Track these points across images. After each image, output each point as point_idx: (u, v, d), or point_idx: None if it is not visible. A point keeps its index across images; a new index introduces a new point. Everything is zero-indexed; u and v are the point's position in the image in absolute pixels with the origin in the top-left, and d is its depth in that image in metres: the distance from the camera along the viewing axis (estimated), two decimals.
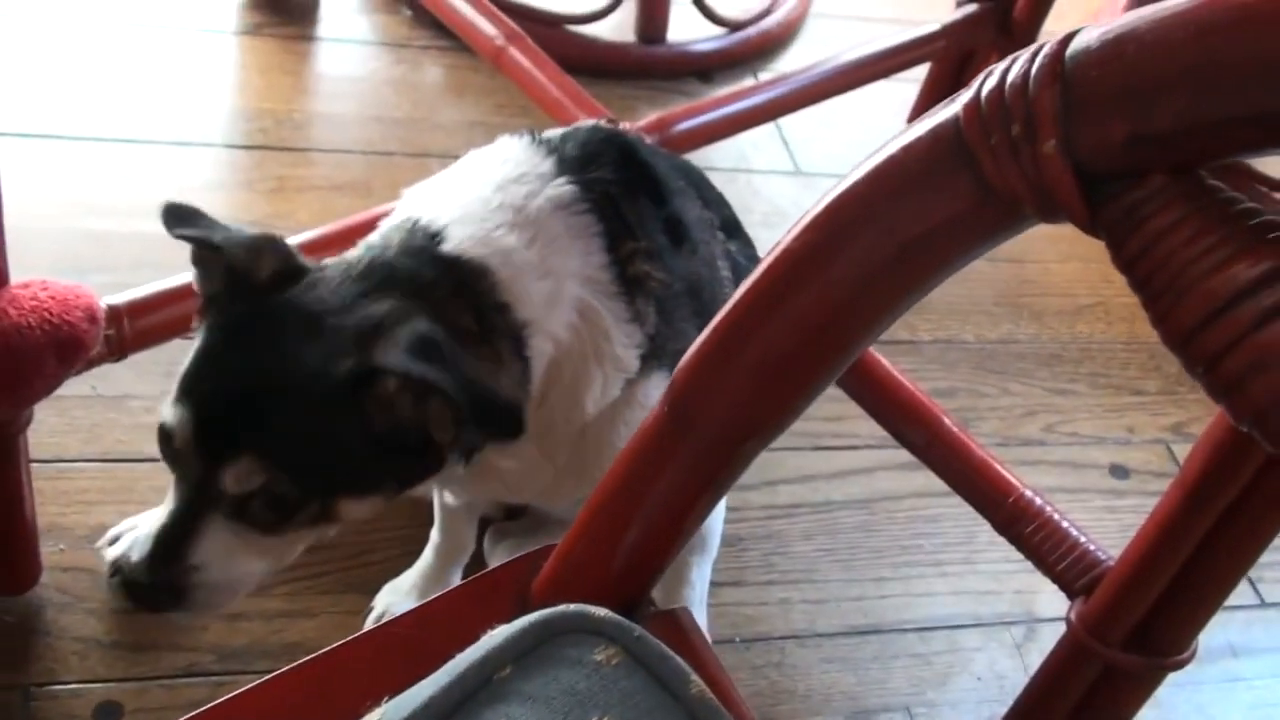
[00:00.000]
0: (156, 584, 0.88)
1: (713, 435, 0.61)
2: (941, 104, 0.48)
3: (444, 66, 1.99)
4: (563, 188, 0.97)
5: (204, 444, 0.87)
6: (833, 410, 1.51)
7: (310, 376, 0.85)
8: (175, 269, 1.46)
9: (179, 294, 1.32)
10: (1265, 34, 0.39)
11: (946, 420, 1.38)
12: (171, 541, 0.88)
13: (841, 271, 0.51)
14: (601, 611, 0.59)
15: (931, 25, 1.91)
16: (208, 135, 1.78)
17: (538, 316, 0.94)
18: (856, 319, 0.53)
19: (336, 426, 0.85)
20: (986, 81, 0.46)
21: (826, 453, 1.62)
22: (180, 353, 1.48)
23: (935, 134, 0.48)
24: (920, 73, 2.05)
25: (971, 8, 1.90)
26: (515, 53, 1.60)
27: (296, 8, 2.02)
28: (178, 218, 0.94)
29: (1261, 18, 0.39)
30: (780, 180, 1.98)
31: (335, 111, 1.88)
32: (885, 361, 1.43)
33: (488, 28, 1.63)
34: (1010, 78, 0.45)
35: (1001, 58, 1.79)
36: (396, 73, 1.98)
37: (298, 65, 1.95)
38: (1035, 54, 0.45)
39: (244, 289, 0.90)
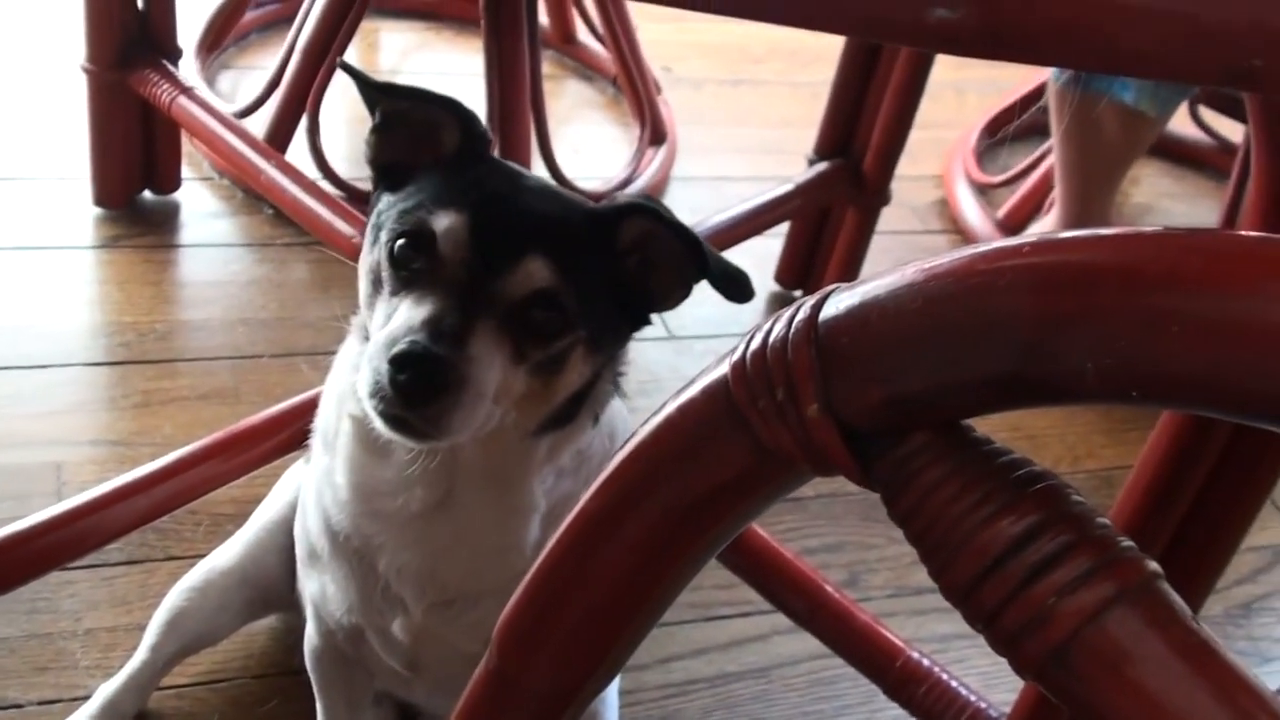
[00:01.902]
0: (451, 360, 0.84)
1: (541, 691, 0.59)
2: (715, 361, 0.48)
3: (309, 262, 1.98)
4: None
5: (484, 247, 0.88)
6: (723, 578, 1.50)
7: (583, 204, 0.95)
8: (38, 501, 1.42)
9: (28, 535, 1.28)
10: (978, 302, 0.39)
11: (828, 587, 1.38)
12: (449, 329, 0.85)
13: (637, 529, 0.51)
14: None
15: (787, 185, 1.95)
16: (68, 355, 1.74)
17: (614, 410, 1.06)
18: (661, 572, 0.52)
19: (600, 254, 0.92)
20: (751, 343, 0.46)
21: (720, 622, 1.60)
22: (47, 588, 1.44)
23: (708, 395, 0.47)
24: (784, 226, 2.09)
25: (822, 166, 1.95)
26: None
27: (154, 216, 2.01)
28: (389, 88, 0.98)
29: (974, 287, 0.39)
30: (655, 347, 1.99)
31: (199, 318, 1.86)
32: (763, 531, 1.42)
33: (345, 227, 1.63)
34: (771, 341, 0.45)
35: (858, 210, 1.82)
36: (260, 272, 1.97)
37: (158, 274, 1.93)
38: (792, 318, 0.45)
39: (481, 146, 0.97)
